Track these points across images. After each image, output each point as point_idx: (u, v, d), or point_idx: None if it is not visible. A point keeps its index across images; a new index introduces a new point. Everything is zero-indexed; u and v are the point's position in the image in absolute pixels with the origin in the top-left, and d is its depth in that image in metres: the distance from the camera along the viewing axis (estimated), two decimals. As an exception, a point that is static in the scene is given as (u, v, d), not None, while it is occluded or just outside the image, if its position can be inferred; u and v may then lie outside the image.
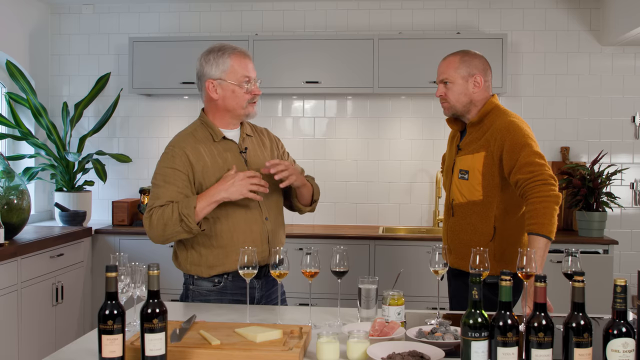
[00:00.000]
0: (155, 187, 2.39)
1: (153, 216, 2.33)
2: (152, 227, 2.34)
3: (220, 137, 2.49)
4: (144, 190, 4.67)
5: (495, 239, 2.57)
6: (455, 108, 2.65)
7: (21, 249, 3.58)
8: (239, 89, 2.44)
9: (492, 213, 2.56)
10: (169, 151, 2.43)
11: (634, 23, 4.05)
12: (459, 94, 2.62)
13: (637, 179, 4.70)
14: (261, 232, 2.48)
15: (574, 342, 1.57)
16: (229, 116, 2.50)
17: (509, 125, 2.53)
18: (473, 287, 1.61)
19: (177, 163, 2.38)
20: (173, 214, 2.29)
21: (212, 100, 2.48)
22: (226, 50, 2.45)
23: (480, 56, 2.68)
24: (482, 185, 2.56)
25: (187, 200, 2.32)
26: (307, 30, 4.90)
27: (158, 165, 2.43)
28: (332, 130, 4.92)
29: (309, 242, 4.16)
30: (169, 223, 2.30)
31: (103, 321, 1.60)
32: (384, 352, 1.77)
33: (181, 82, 4.60)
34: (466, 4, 4.78)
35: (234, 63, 2.44)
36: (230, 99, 2.45)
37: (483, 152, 2.56)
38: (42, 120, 4.66)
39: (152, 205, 2.36)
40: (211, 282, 2.46)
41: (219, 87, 2.44)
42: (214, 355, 1.75)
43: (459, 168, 2.65)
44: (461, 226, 2.64)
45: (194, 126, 2.52)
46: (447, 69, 2.65)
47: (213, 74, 2.44)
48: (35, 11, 4.91)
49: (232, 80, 2.43)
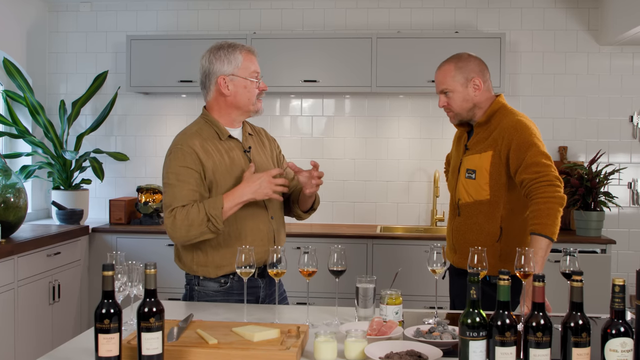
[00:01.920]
0: (170, 187, 2.35)
1: (177, 216, 2.29)
2: (175, 228, 2.30)
3: (227, 135, 2.48)
4: (141, 188, 4.66)
5: (502, 240, 2.55)
6: (460, 115, 2.65)
7: (18, 247, 3.57)
8: (251, 84, 2.45)
9: (499, 213, 2.55)
10: (178, 150, 2.39)
11: (632, 23, 4.05)
12: (461, 101, 2.61)
13: (635, 178, 4.71)
14: (268, 232, 2.48)
15: (572, 342, 1.57)
16: (236, 113, 2.49)
17: (517, 124, 2.52)
18: (471, 287, 1.60)
19: (189, 161, 2.36)
20: (199, 214, 2.27)
21: (221, 97, 2.47)
22: (237, 47, 2.47)
23: (474, 57, 2.66)
24: (489, 185, 2.55)
25: (213, 200, 2.30)
26: (306, 29, 4.89)
27: (169, 164, 2.39)
28: (330, 129, 4.92)
29: (306, 241, 4.15)
30: (194, 224, 2.27)
31: (99, 320, 1.60)
32: (381, 351, 1.76)
33: (179, 81, 4.58)
34: (464, 3, 4.78)
35: (246, 59, 2.46)
36: (242, 94, 2.45)
37: (490, 151, 2.55)
38: (40, 118, 4.65)
39: (173, 205, 2.32)
40: (217, 282, 2.45)
41: (230, 83, 2.44)
42: (211, 355, 1.74)
43: (466, 168, 2.63)
44: (467, 226, 2.62)
45: (199, 125, 2.50)
46: (444, 78, 2.63)
47: (225, 70, 2.44)
48: (32, 9, 4.89)
49: (244, 75, 2.44)
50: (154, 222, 4.58)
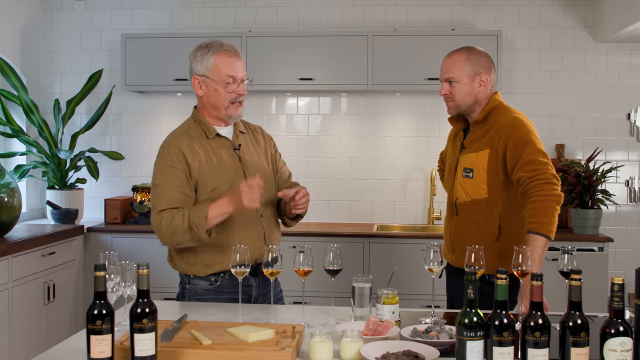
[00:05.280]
0: (156, 187, 2.37)
1: (163, 221, 2.29)
2: (160, 232, 2.32)
3: (214, 134, 2.47)
4: (136, 188, 4.63)
5: (501, 238, 2.53)
6: (460, 107, 2.61)
7: (12, 247, 3.54)
8: (221, 88, 2.42)
9: (497, 212, 2.53)
10: (164, 150, 2.40)
11: (629, 20, 4.04)
12: (465, 93, 2.58)
13: (632, 176, 4.70)
14: (257, 230, 2.46)
15: (571, 342, 1.55)
16: (216, 113, 2.48)
17: (513, 122, 2.50)
18: (468, 286, 1.59)
19: (174, 161, 2.36)
20: (183, 221, 2.26)
21: (199, 97, 2.49)
22: (212, 48, 2.42)
23: (485, 53, 2.64)
24: (487, 184, 2.53)
25: (198, 208, 2.29)
26: (301, 26, 4.87)
27: (156, 164, 2.41)
28: (326, 127, 4.90)
29: (302, 240, 4.13)
30: (177, 231, 2.27)
31: (92, 321, 1.57)
32: (378, 351, 1.75)
33: (174, 79, 4.56)
34: (461, 0, 4.76)
35: (218, 61, 2.41)
36: (213, 97, 2.44)
37: (487, 149, 2.53)
38: (34, 117, 4.62)
39: (157, 207, 2.33)
40: (207, 281, 2.44)
41: (203, 84, 2.44)
42: (205, 356, 1.72)
43: (463, 166, 2.61)
44: (465, 225, 2.60)
45: (188, 124, 2.51)
46: (452, 67, 2.58)
47: (198, 71, 2.44)
48: (26, 7, 4.86)
49: (215, 78, 2.41)
50: (149, 222, 4.54)
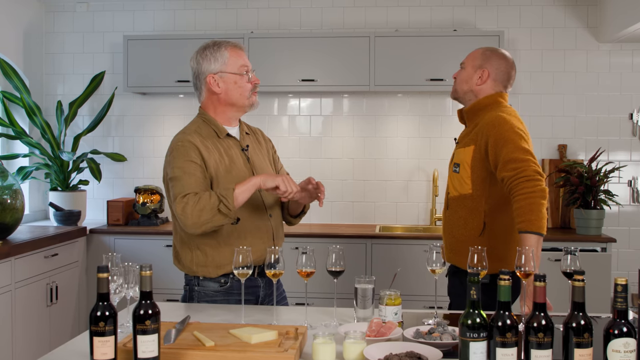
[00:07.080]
0: (178, 180, 2.32)
1: (189, 201, 2.25)
2: (186, 214, 2.25)
3: (225, 133, 2.48)
4: (139, 189, 4.63)
5: (484, 234, 2.53)
6: (457, 92, 2.74)
7: (15, 249, 3.54)
8: (241, 79, 2.45)
9: (482, 207, 2.54)
10: (179, 147, 2.37)
11: (631, 20, 4.03)
12: (463, 80, 2.70)
13: (635, 176, 4.69)
14: (267, 230, 2.47)
15: (574, 343, 1.55)
16: (231, 110, 2.49)
17: (495, 120, 2.51)
18: (471, 287, 1.58)
19: (192, 155, 2.35)
20: (211, 198, 2.24)
21: (213, 96, 2.48)
22: (222, 44, 2.47)
23: (506, 60, 2.69)
24: (471, 179, 2.56)
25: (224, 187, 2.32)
26: (303, 28, 4.87)
27: (173, 161, 2.36)
28: (328, 128, 4.90)
29: (305, 242, 4.13)
30: (205, 208, 2.23)
31: (94, 323, 1.57)
32: (380, 353, 1.74)
33: (176, 81, 4.56)
34: (463, 1, 4.76)
35: (232, 54, 2.46)
36: (233, 90, 2.45)
37: (472, 145, 2.57)
38: (36, 119, 4.63)
39: (184, 192, 2.28)
40: (218, 282, 2.43)
41: (220, 81, 2.45)
42: (208, 357, 1.72)
43: (454, 161, 2.68)
44: (453, 220, 2.64)
45: (197, 124, 2.49)
46: (470, 56, 2.75)
47: (212, 69, 2.45)
48: (29, 10, 4.87)
49: (232, 70, 2.44)
50: (152, 223, 4.55)
